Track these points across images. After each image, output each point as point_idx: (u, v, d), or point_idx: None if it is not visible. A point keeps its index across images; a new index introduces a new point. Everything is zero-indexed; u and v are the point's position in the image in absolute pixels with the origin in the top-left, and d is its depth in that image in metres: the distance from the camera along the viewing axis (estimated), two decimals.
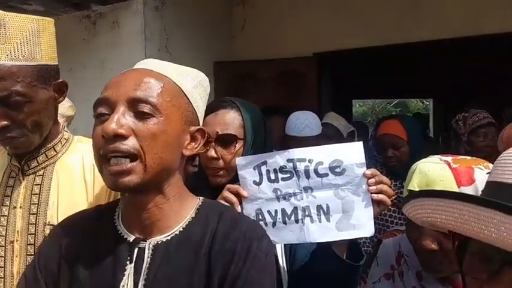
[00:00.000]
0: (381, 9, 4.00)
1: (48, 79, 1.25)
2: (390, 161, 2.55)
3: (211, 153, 1.35)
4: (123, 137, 0.90)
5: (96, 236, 1.02)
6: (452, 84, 6.57)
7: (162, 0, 3.70)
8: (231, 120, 1.39)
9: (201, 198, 1.08)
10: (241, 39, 4.58)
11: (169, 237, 0.98)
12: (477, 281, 0.78)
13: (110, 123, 0.89)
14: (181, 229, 1.00)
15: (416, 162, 1.24)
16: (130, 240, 0.98)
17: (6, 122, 1.18)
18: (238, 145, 1.39)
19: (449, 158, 1.19)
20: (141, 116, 0.92)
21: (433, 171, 1.16)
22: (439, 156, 1.23)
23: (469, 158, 1.22)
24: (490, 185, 0.79)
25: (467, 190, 1.10)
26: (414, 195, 0.86)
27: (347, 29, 4.09)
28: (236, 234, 0.97)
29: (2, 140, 1.24)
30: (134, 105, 0.92)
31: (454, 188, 1.12)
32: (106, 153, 0.91)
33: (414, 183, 1.19)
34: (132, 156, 0.91)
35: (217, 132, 1.36)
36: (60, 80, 1.30)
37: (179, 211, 1.01)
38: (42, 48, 1.23)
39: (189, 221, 1.01)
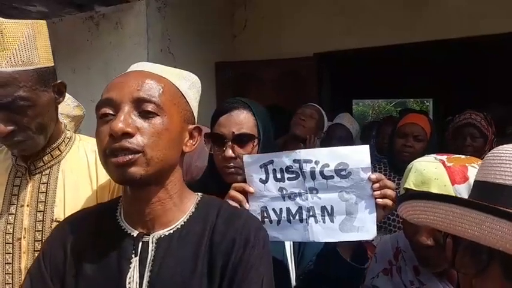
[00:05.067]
0: (381, 10, 4.02)
1: (47, 81, 1.27)
2: (405, 150, 2.50)
3: (229, 153, 1.37)
4: (130, 135, 0.94)
5: (99, 232, 1.06)
6: (452, 85, 6.58)
7: (164, 1, 3.73)
8: (245, 120, 1.42)
9: (199, 194, 1.13)
10: (242, 40, 4.61)
11: (171, 231, 1.03)
12: (467, 276, 0.81)
13: (118, 123, 0.93)
14: (183, 223, 1.05)
15: (413, 162, 1.27)
16: (134, 235, 1.03)
17: (12, 127, 1.21)
18: (255, 143, 1.43)
19: (444, 157, 1.22)
20: (145, 115, 0.97)
21: (428, 169, 1.20)
22: (434, 155, 1.26)
23: (463, 156, 1.24)
24: (476, 184, 0.83)
25: (461, 188, 1.14)
26: (404, 197, 0.90)
27: (347, 30, 4.12)
28: (235, 227, 1.02)
29: (9, 145, 1.27)
30: (139, 104, 0.96)
31: (448, 185, 1.15)
32: (112, 150, 0.94)
33: (410, 182, 1.22)
34: (137, 152, 0.95)
35: (233, 132, 1.38)
36: (59, 81, 1.32)
37: (180, 206, 1.06)
38: (39, 51, 1.25)
39: (189, 216, 1.06)
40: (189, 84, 1.10)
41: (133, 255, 1.00)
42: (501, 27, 3.54)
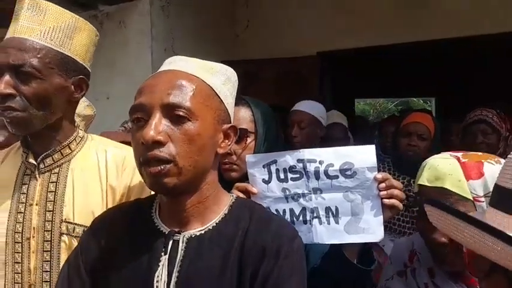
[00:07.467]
0: (384, 9, 4.03)
1: (68, 70, 1.26)
2: (409, 149, 2.48)
3: None
4: (161, 144, 0.93)
5: (134, 228, 1.05)
6: (452, 85, 6.58)
7: (168, 0, 3.74)
8: (241, 116, 1.44)
9: (234, 195, 1.11)
10: (245, 39, 4.61)
11: (202, 232, 1.02)
12: (479, 279, 0.83)
13: (149, 131, 0.92)
14: (215, 224, 1.03)
15: (427, 159, 1.25)
16: (166, 233, 1.02)
17: (11, 91, 1.19)
18: (250, 139, 1.44)
19: (459, 154, 1.20)
20: (176, 120, 0.95)
21: (443, 165, 1.17)
22: (449, 152, 1.24)
23: (480, 153, 1.22)
24: (495, 187, 0.84)
25: (476, 183, 1.12)
26: (424, 201, 0.91)
27: (350, 29, 4.13)
28: (268, 233, 0.99)
29: (1, 112, 1.22)
30: (169, 110, 0.94)
31: (463, 181, 1.13)
32: (145, 160, 0.94)
33: (424, 178, 1.19)
34: (169, 161, 0.94)
35: None
36: (81, 76, 1.30)
37: (214, 207, 1.04)
38: (73, 42, 1.26)
39: (222, 217, 1.04)
40: (223, 79, 1.06)
41: (163, 253, 0.99)
42: (501, 27, 3.54)
